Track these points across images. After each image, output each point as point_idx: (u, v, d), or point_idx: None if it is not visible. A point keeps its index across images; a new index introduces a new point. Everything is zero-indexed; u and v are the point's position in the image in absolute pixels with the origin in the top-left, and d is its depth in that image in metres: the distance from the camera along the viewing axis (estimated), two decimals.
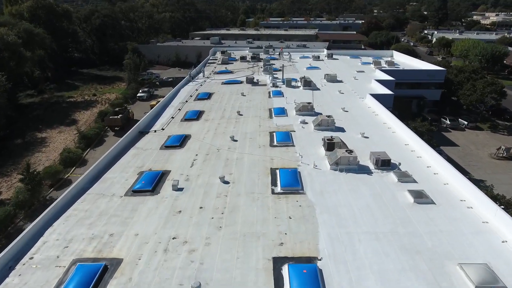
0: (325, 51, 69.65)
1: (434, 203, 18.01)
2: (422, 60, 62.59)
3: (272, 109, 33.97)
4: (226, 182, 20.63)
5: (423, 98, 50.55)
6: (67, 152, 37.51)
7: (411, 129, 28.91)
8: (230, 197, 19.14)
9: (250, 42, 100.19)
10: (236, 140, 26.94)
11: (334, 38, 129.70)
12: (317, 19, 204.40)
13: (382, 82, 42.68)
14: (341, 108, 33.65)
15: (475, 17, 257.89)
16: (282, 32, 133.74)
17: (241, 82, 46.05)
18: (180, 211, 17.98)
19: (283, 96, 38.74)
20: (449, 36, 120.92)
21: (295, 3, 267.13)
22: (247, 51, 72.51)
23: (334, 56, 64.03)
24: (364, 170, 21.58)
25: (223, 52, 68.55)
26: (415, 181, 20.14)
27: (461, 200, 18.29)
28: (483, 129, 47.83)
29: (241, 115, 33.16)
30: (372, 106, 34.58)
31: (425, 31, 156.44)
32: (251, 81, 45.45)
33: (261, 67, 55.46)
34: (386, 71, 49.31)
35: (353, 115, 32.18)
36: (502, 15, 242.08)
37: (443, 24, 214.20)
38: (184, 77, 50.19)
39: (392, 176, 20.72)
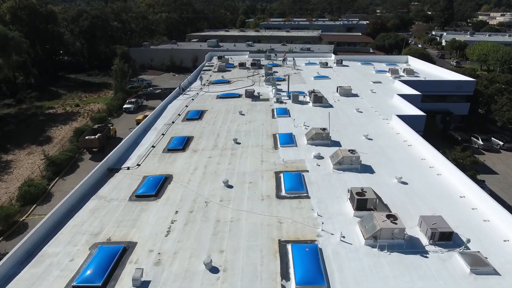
0: (333, 56, 63.07)
1: None
2: (437, 65, 56.05)
3: (278, 136, 27.37)
4: (215, 270, 14.01)
5: (449, 113, 43.96)
6: (27, 185, 30.86)
7: (450, 161, 22.43)
8: None
9: (250, 45, 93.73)
10: (231, 186, 20.31)
11: (338, 40, 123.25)
12: (319, 19, 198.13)
13: (406, 97, 36.05)
14: (363, 135, 27.01)
15: (480, 17, 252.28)
16: (284, 33, 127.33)
17: (240, 96, 39.44)
18: None
19: (290, 116, 32.13)
20: (460, 38, 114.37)
21: (296, 3, 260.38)
22: (247, 56, 65.95)
23: (343, 63, 57.34)
24: (415, 246, 14.96)
25: (220, 58, 61.97)
26: (496, 273, 13.52)
27: None
28: None
29: (239, 143, 26.56)
30: (401, 132, 27.95)
31: (433, 32, 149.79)
32: (251, 95, 38.84)
33: (263, 76, 48.94)
34: (406, 82, 42.68)
35: (380, 145, 25.54)
36: (508, 15, 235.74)
37: (449, 25, 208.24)
38: (175, 88, 43.62)
39: (459, 261, 14.09)
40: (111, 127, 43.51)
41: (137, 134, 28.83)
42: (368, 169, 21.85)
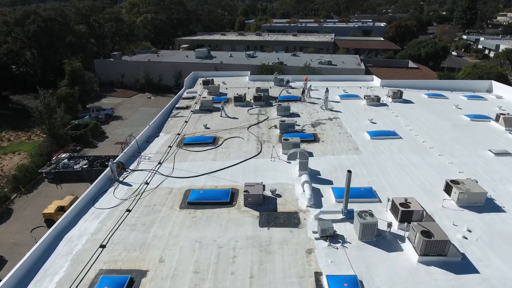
0: (377, 81, 41.74)
1: None
2: None
3: None
4: None
5: None
6: None
7: None
8: None
9: (250, 56, 72.37)
10: None
11: (356, 46, 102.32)
12: (327, 20, 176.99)
13: None
14: None
15: (499, 18, 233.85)
16: (291, 38, 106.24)
17: (232, 204, 17.99)
18: None
19: None
20: (505, 44, 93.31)
21: (300, 2, 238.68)
22: (247, 78, 44.58)
23: (402, 96, 35.78)
24: None
25: (206, 83, 40.66)
26: None
27: None
28: None
29: None
30: None
31: (464, 37, 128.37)
32: (257, 201, 17.44)
33: (275, 126, 27.80)
34: None
35: None
36: None
37: (472, 27, 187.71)
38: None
39: None
40: None
41: None
42: None
